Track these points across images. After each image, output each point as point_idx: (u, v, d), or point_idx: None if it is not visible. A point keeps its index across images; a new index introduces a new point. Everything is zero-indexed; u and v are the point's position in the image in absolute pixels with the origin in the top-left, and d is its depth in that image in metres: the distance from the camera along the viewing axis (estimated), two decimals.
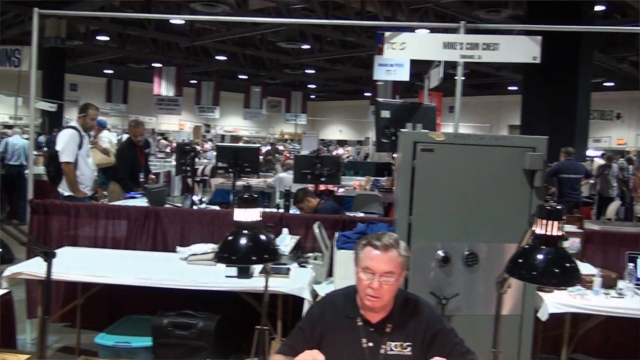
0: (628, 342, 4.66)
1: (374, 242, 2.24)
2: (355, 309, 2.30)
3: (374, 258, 2.21)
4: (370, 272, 2.21)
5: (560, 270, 1.45)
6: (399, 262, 2.22)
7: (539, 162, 3.33)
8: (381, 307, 2.25)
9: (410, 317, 2.30)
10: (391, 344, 2.26)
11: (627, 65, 21.70)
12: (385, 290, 2.20)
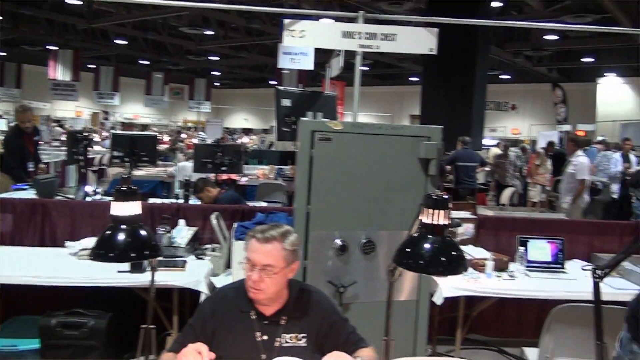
0: (519, 321, 4.91)
1: (257, 234, 2.20)
2: (249, 303, 2.25)
3: (254, 250, 2.18)
4: (251, 264, 2.17)
5: (446, 259, 1.45)
6: (281, 255, 2.18)
7: (433, 151, 3.39)
8: (268, 300, 2.22)
9: (305, 309, 2.28)
10: (286, 336, 2.23)
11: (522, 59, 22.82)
12: (267, 282, 2.16)
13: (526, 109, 28.54)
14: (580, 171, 8.01)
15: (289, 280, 2.28)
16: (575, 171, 8.06)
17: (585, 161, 8.15)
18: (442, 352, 4.56)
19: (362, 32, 4.29)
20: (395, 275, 1.80)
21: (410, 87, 28.27)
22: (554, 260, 4.40)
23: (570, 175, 8.12)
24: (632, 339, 2.37)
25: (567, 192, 8.20)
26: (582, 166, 8.03)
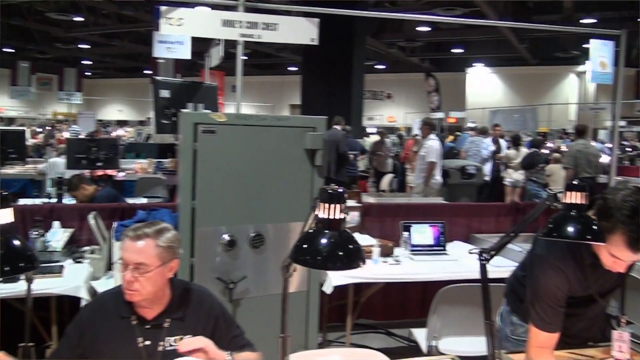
0: (404, 303, 5.07)
1: (129, 232, 2.09)
2: (129, 308, 2.12)
3: (126, 249, 2.07)
4: (124, 264, 2.06)
5: (344, 253, 1.42)
6: (154, 252, 2.07)
7: (319, 142, 3.39)
8: (147, 302, 2.10)
9: (190, 309, 2.19)
10: (170, 339, 2.13)
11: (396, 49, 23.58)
12: (142, 282, 2.04)
13: (401, 98, 29.59)
14: (429, 153, 8.28)
15: (170, 280, 2.18)
16: (426, 153, 8.34)
17: (435, 144, 8.43)
18: (333, 339, 4.61)
19: (243, 21, 4.20)
20: (290, 271, 1.75)
21: (290, 76, 28.40)
22: (436, 243, 4.56)
23: (421, 158, 8.42)
24: (511, 311, 2.50)
25: (419, 173, 8.51)
26: (432, 149, 8.30)
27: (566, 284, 2.09)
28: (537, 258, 2.18)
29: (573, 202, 1.76)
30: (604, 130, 23.14)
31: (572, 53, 23.42)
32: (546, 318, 2.08)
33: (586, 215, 1.78)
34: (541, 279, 2.11)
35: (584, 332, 2.37)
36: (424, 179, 8.34)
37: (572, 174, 8.26)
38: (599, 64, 5.77)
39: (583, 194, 1.76)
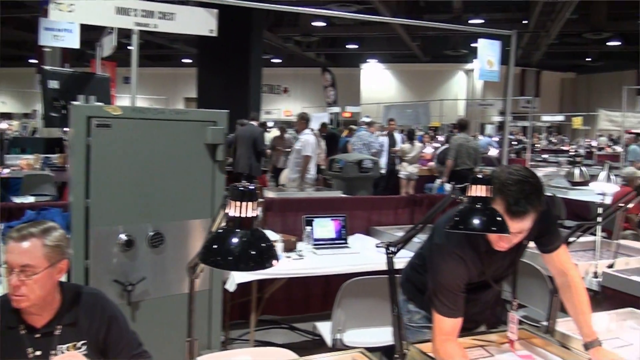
0: (307, 297, 5.08)
1: (13, 233, 1.94)
2: (17, 316, 1.96)
3: (10, 251, 1.92)
4: (8, 268, 1.91)
5: (257, 252, 1.37)
6: (41, 253, 1.93)
7: (220, 136, 3.30)
8: (36, 308, 1.96)
9: (83, 313, 2.06)
10: (62, 347, 1.99)
11: (292, 44, 23.64)
12: (29, 286, 1.90)
13: (297, 92, 29.73)
14: (305, 147, 8.36)
15: (60, 284, 2.04)
16: (301, 147, 8.40)
17: (311, 139, 8.53)
18: (236, 336, 4.54)
19: (139, 10, 4.01)
20: (197, 272, 1.68)
21: (184, 69, 27.74)
22: (338, 236, 4.59)
23: (297, 152, 8.47)
24: (408, 300, 2.55)
25: (294, 166, 8.54)
26: (307, 143, 8.38)
27: (465, 271, 2.15)
28: (436, 247, 2.23)
29: (478, 195, 1.80)
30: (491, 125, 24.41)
31: (461, 52, 24.50)
32: (449, 304, 2.13)
33: (491, 207, 1.83)
34: (442, 267, 2.16)
35: (477, 315, 2.47)
36: (300, 173, 8.34)
37: (451, 165, 8.72)
38: (486, 63, 6.03)
39: (487, 187, 1.80)
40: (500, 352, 2.30)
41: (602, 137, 18.54)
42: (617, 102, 11.92)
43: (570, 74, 33.25)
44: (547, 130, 27.22)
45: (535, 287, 3.57)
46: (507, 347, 2.33)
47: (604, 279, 3.64)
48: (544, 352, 2.30)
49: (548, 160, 15.61)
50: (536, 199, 2.01)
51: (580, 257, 4.17)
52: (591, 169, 9.38)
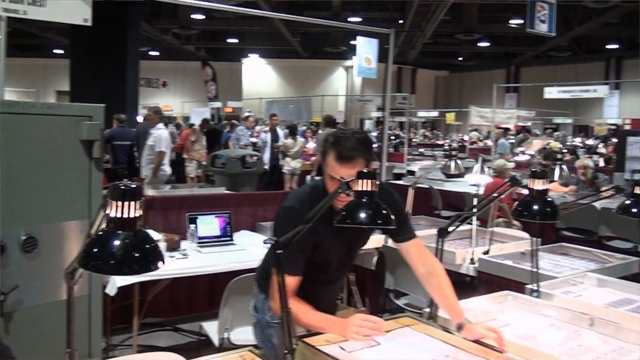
0: (191, 297, 4.96)
1: None
2: None
3: None
4: None
5: (141, 255, 1.30)
6: None
7: (96, 132, 3.13)
8: None
9: None
10: None
11: (170, 36, 22.99)
12: None
13: (177, 86, 29.05)
14: (158, 143, 8.08)
15: None
16: (154, 143, 8.11)
17: (165, 134, 8.27)
18: (118, 342, 4.35)
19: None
20: (76, 278, 1.58)
21: (56, 60, 26.22)
22: (223, 233, 4.52)
23: (150, 148, 8.17)
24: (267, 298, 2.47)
25: (147, 163, 8.24)
26: (161, 138, 8.12)
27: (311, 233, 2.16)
28: (282, 209, 2.30)
29: (364, 189, 1.83)
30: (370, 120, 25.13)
31: (341, 48, 25.00)
32: (289, 261, 2.16)
33: (377, 201, 1.86)
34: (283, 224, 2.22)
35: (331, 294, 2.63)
36: (152, 169, 8.07)
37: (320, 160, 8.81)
38: (365, 60, 6.19)
39: (373, 182, 1.84)
40: (386, 340, 2.36)
41: (473, 131, 19.66)
42: (487, 99, 12.71)
43: (443, 72, 35.01)
44: (423, 125, 28.47)
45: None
46: (393, 335, 2.40)
47: (480, 264, 3.85)
48: (428, 338, 2.39)
49: (424, 154, 16.32)
50: (365, 147, 2.18)
51: (458, 245, 4.39)
52: (464, 162, 9.93)
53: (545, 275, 3.29)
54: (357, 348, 2.27)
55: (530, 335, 2.45)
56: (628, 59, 26.58)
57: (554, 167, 5.44)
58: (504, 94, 29.49)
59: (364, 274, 4.46)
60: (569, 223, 6.43)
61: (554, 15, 8.63)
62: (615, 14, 19.45)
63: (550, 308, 2.72)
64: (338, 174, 2.15)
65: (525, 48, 27.31)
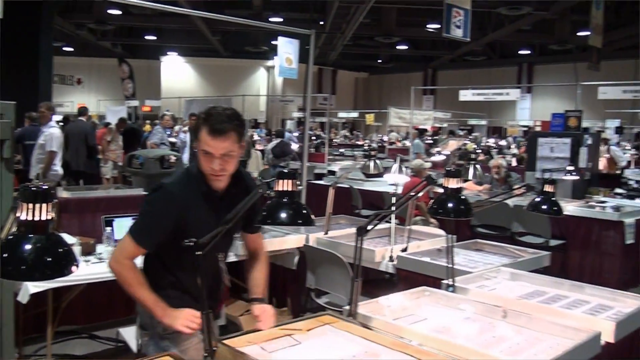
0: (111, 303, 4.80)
1: None
2: None
3: None
4: None
5: (53, 259, 1.25)
6: None
7: (6, 131, 2.99)
8: None
9: None
10: None
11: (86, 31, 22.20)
12: None
13: (92, 84, 28.10)
14: (49, 142, 7.73)
15: None
16: (45, 142, 7.75)
17: (57, 132, 7.95)
18: (31, 352, 4.15)
19: None
20: None
21: None
22: None
23: (41, 147, 7.81)
24: None
25: (36, 163, 7.89)
26: (53, 137, 7.78)
27: (175, 208, 2.23)
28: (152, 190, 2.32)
29: (284, 189, 1.84)
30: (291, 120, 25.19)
31: (262, 48, 24.92)
32: (143, 229, 2.26)
33: (297, 201, 1.88)
34: (151, 198, 2.29)
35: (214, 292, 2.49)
36: (42, 169, 7.69)
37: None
38: (286, 60, 6.21)
39: (294, 182, 1.85)
40: (307, 339, 2.37)
41: (392, 132, 20.08)
42: (405, 100, 13.02)
43: (363, 73, 35.57)
44: (343, 126, 28.83)
45: (336, 275, 3.75)
46: (314, 333, 2.42)
47: (398, 262, 3.95)
48: (348, 335, 2.42)
49: (345, 154, 16.53)
50: (236, 120, 2.23)
51: (377, 244, 4.47)
52: (384, 162, 10.14)
53: (460, 271, 3.41)
54: (278, 348, 2.27)
55: (446, 329, 2.53)
56: (539, 64, 28.07)
57: (468, 166, 5.63)
58: (422, 96, 30.31)
59: (285, 274, 4.47)
60: (483, 220, 6.69)
61: (468, 21, 8.95)
62: (527, 21, 20.40)
63: (465, 302, 2.83)
64: (211, 148, 2.19)
65: (442, 52, 28.19)
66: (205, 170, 2.26)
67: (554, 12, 18.99)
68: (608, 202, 7.13)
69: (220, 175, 2.25)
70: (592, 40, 13.28)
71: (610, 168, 11.45)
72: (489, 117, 25.00)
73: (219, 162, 2.21)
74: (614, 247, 6.33)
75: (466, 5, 8.94)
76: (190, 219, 2.26)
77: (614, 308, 2.89)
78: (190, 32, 24.23)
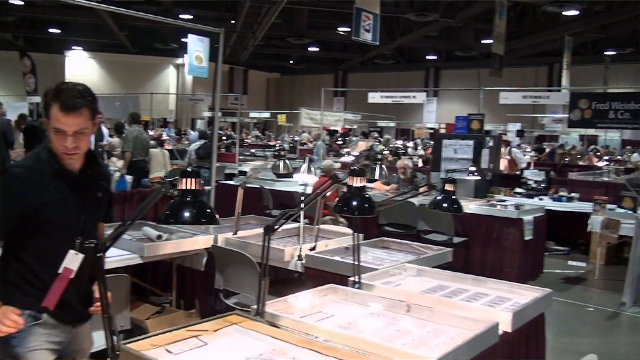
0: None
1: None
2: None
3: None
4: None
5: None
6: None
7: None
8: None
9: None
10: None
11: None
12: None
13: None
14: None
15: None
16: None
17: None
18: None
19: None
20: None
21: None
22: None
23: None
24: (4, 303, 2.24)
25: None
26: None
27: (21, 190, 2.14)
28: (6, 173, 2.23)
29: (188, 188, 1.81)
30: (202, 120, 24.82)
31: (171, 46, 24.42)
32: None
33: (201, 200, 1.85)
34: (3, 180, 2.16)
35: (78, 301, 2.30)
36: None
37: (130, 157, 9.24)
38: (196, 58, 6.12)
39: (197, 180, 1.82)
40: (213, 339, 2.35)
41: (304, 133, 20.19)
42: (317, 102, 13.10)
43: (275, 74, 35.60)
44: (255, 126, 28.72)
45: (245, 275, 3.73)
46: (220, 334, 2.40)
47: (307, 260, 3.97)
48: (256, 334, 2.41)
49: (256, 155, 16.47)
50: (89, 97, 2.16)
51: (287, 243, 4.49)
52: (295, 162, 10.18)
53: (367, 268, 3.48)
54: (184, 350, 2.24)
55: (352, 324, 2.58)
56: (445, 69, 29.17)
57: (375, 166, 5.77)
58: (333, 97, 30.70)
59: (193, 276, 4.39)
60: (390, 219, 6.86)
61: (377, 25, 9.15)
62: (434, 28, 21.12)
63: (371, 298, 2.89)
64: (63, 125, 2.11)
65: (352, 55, 28.67)
66: (57, 149, 2.16)
67: (460, 20, 19.78)
68: (508, 201, 7.50)
69: (74, 153, 2.16)
70: (495, 48, 13.93)
71: (511, 169, 12.02)
72: (397, 119, 25.66)
73: (71, 139, 2.12)
74: (513, 243, 6.66)
75: (375, 10, 9.13)
76: (42, 201, 2.15)
77: (512, 300, 3.04)
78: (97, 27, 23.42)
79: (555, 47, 19.68)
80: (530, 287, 3.26)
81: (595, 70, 20.63)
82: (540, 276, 7.18)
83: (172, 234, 4.31)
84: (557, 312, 5.79)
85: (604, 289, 7.03)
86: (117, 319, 3.24)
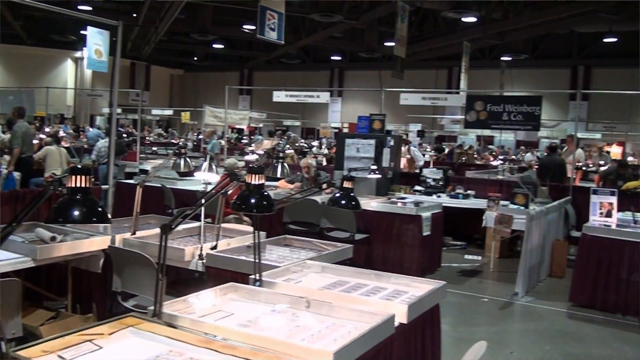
0: None
1: None
2: None
3: None
4: None
5: None
6: None
7: None
8: None
9: None
10: None
11: None
12: None
13: None
14: None
15: None
16: None
17: None
18: None
19: None
20: None
21: None
22: None
23: None
24: None
25: None
26: None
27: None
28: None
29: (78, 186, 1.75)
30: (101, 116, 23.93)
31: (70, 38, 23.38)
32: None
33: (91, 198, 1.79)
34: None
35: None
36: None
37: (18, 153, 8.86)
38: (95, 52, 5.91)
39: (88, 177, 1.77)
40: (109, 343, 2.28)
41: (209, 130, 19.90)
42: (222, 100, 12.94)
43: (179, 70, 34.87)
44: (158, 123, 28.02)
45: (144, 276, 3.63)
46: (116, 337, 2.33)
47: (208, 260, 3.93)
48: (153, 335, 2.37)
49: (158, 153, 16.07)
50: None
51: (187, 242, 4.42)
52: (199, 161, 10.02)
53: (268, 266, 3.50)
54: (78, 355, 2.17)
55: (252, 322, 2.58)
56: (349, 70, 29.69)
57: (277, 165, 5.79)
58: (238, 95, 30.47)
59: (89, 278, 4.23)
60: (294, 217, 6.90)
61: (282, 24, 9.18)
62: (339, 29, 21.41)
63: (272, 295, 2.91)
64: None
65: (258, 53, 28.57)
66: None
67: (363, 22, 20.16)
68: (408, 198, 7.74)
69: None
70: (397, 51, 14.31)
71: (410, 167, 12.42)
72: (303, 118, 25.84)
73: None
74: (413, 239, 6.90)
75: (280, 9, 9.16)
76: None
77: (409, 293, 3.15)
78: None
79: (455, 51, 20.49)
80: (425, 280, 3.39)
81: (492, 75, 21.65)
82: (438, 270, 7.48)
83: (67, 235, 4.13)
84: (454, 303, 6.06)
85: (498, 280, 7.41)
86: (8, 325, 3.08)
